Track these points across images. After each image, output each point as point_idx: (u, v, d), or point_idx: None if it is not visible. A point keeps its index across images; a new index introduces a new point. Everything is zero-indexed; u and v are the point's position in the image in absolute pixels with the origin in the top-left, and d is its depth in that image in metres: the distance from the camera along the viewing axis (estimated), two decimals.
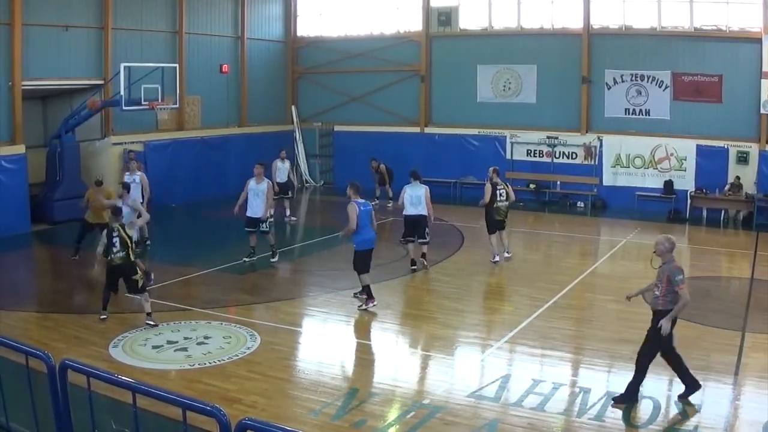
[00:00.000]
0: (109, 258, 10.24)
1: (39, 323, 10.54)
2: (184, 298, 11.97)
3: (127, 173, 15.41)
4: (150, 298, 10.50)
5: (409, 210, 13.74)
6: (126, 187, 13.59)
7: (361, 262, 11.39)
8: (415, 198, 13.71)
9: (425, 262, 13.93)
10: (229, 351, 9.38)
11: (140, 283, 10.29)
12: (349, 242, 11.72)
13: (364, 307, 11.27)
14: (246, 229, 14.33)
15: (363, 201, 11.47)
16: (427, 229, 13.78)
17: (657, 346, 7.80)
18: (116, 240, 10.16)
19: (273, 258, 14.41)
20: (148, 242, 15.07)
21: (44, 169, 18.22)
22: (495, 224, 14.43)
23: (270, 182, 14.52)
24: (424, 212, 13.67)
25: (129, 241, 10.24)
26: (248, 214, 14.20)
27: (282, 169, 18.72)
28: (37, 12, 17.63)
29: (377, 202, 19.74)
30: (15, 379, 5.84)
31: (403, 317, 11.28)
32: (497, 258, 14.48)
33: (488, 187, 14.35)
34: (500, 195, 14.31)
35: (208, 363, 8.95)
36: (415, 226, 13.75)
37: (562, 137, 22.24)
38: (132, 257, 10.27)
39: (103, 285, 10.57)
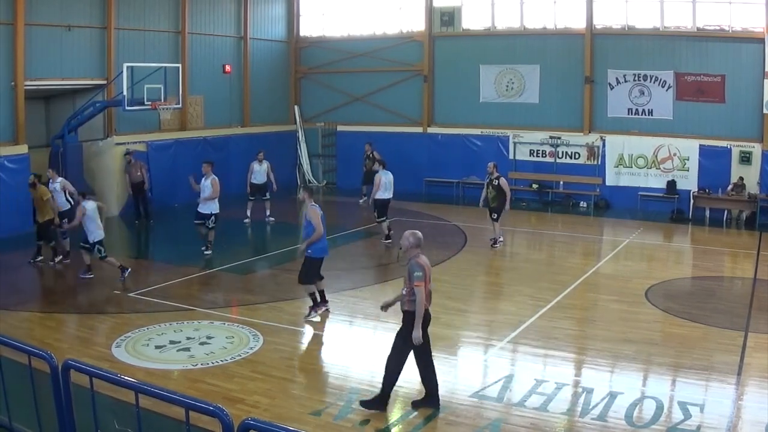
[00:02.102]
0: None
1: (42, 323, 10.56)
2: (186, 298, 11.97)
3: (50, 180, 14.55)
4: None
5: (385, 194, 15.96)
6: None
7: (316, 271, 10.74)
8: (390, 184, 16.01)
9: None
10: (231, 351, 9.39)
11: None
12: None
13: (313, 315, 10.71)
14: (194, 221, 14.91)
15: (317, 205, 10.84)
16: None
17: (405, 350, 7.55)
18: None
19: (207, 251, 14.87)
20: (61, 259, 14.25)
21: (47, 169, 18.23)
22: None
23: (215, 178, 14.74)
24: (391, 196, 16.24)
25: None
26: (198, 208, 14.83)
27: (259, 171, 18.64)
28: (40, 12, 17.66)
29: (365, 199, 19.49)
30: (18, 379, 5.85)
31: None
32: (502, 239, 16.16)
33: (505, 181, 15.78)
34: None
35: (210, 363, 8.95)
36: (387, 207, 16.12)
37: (565, 137, 22.21)
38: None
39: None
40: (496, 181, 15.65)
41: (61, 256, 14.08)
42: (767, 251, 15.68)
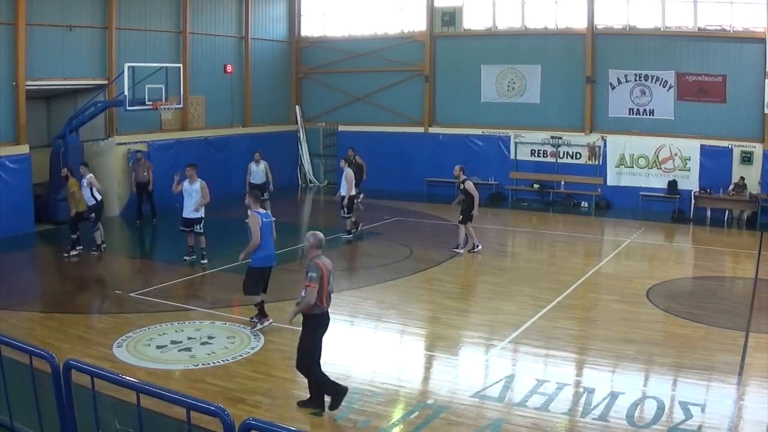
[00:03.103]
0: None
1: (43, 323, 10.56)
2: (187, 298, 12.00)
3: (83, 175, 14.87)
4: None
5: (353, 191, 16.65)
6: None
7: (257, 282, 10.28)
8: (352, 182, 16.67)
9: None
10: (233, 351, 9.39)
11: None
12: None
13: (259, 327, 10.24)
14: (180, 228, 14.44)
15: (264, 212, 10.54)
16: None
17: (309, 347, 7.61)
18: None
19: (203, 260, 14.20)
20: (104, 245, 15.07)
21: (48, 170, 18.25)
22: None
23: (203, 182, 14.21)
24: None
25: None
26: (183, 214, 14.27)
27: (257, 171, 18.58)
28: (41, 12, 17.65)
29: (361, 198, 19.25)
30: (19, 379, 5.85)
31: (406, 317, 11.25)
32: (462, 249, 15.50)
33: (471, 185, 15.31)
34: None
35: (212, 363, 8.97)
36: (353, 203, 16.79)
37: (566, 137, 22.21)
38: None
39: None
40: (462, 185, 15.25)
41: (77, 251, 14.66)
42: None
